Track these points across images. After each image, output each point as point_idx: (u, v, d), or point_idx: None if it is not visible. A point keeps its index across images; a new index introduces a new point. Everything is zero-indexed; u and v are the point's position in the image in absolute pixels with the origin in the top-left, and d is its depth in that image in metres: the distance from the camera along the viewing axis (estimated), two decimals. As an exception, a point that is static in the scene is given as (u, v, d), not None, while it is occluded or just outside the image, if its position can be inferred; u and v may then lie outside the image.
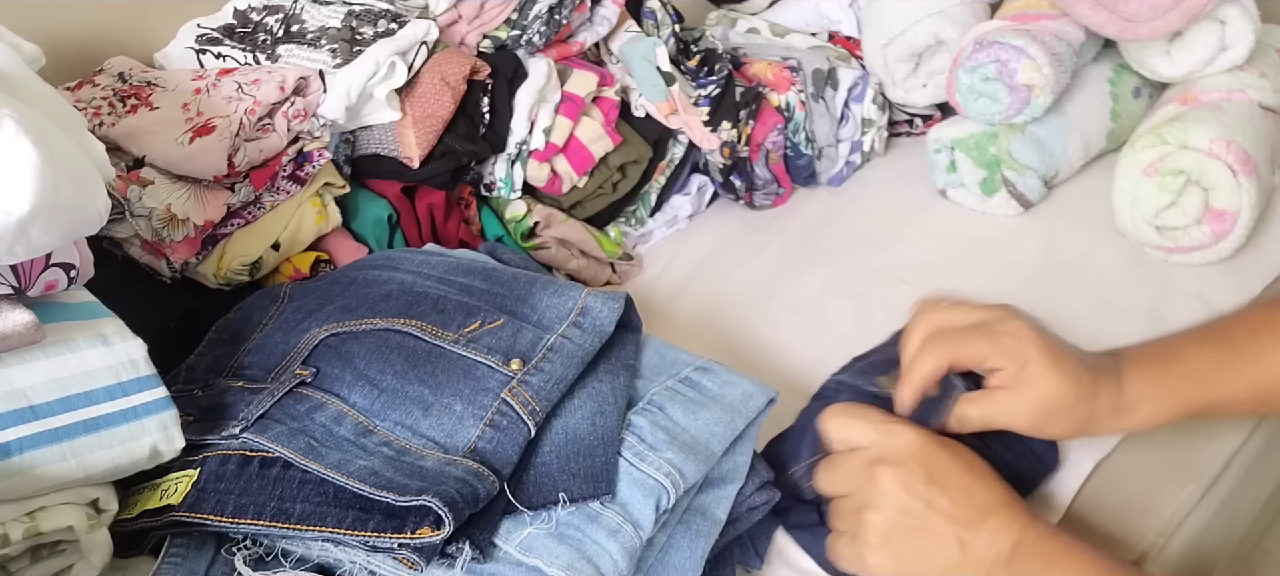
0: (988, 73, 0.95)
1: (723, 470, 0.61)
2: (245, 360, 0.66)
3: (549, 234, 0.92)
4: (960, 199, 1.03)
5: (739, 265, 0.98)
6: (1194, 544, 0.73)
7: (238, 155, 0.75)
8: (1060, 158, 1.00)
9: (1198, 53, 0.95)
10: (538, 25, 0.92)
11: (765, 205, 1.06)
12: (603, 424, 0.58)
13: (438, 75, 0.85)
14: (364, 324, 0.64)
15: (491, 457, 0.55)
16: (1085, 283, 0.90)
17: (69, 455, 0.50)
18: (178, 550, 0.55)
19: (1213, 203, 0.87)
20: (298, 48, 0.85)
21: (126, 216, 0.74)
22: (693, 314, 0.92)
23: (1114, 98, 1.02)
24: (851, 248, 0.99)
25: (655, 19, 1.04)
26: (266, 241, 0.79)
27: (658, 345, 0.67)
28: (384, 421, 0.58)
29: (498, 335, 0.62)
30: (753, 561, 0.65)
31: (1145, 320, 0.85)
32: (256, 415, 0.59)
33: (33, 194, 0.45)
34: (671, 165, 1.01)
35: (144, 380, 0.54)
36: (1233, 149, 0.85)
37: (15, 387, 0.49)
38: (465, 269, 0.70)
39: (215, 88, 0.80)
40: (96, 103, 0.81)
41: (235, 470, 0.56)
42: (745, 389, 0.64)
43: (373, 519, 0.52)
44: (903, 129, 1.16)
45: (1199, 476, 0.73)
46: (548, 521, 0.54)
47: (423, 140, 0.84)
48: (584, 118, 0.93)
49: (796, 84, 1.04)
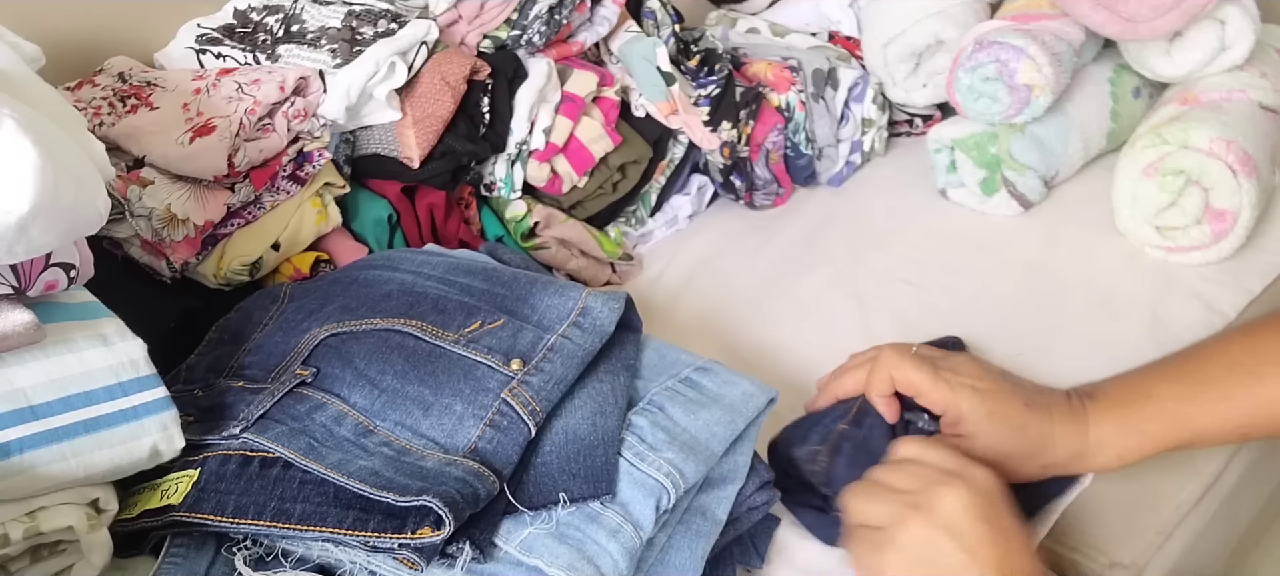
0: (988, 73, 0.95)
1: (723, 470, 0.61)
2: (245, 360, 0.66)
3: (549, 234, 0.92)
4: (960, 199, 1.03)
5: (739, 265, 0.98)
6: (1194, 543, 0.73)
7: (238, 155, 0.75)
8: (1060, 158, 1.00)
9: (1198, 53, 0.95)
10: (538, 25, 0.92)
11: (765, 205, 1.06)
12: (603, 424, 0.58)
13: (438, 75, 0.85)
14: (364, 324, 0.64)
15: (492, 458, 0.55)
16: (1085, 282, 0.90)
17: (69, 455, 0.50)
18: (178, 550, 0.55)
19: (1213, 202, 0.87)
20: (298, 48, 0.85)
21: (126, 216, 0.74)
22: (693, 314, 0.92)
23: (1114, 98, 1.02)
24: (851, 248, 0.99)
25: (655, 19, 1.04)
26: (266, 241, 0.79)
27: (658, 345, 0.67)
28: (384, 421, 0.58)
29: (498, 335, 0.62)
30: (753, 561, 0.65)
31: (1145, 320, 0.85)
32: (257, 415, 0.59)
33: (33, 194, 0.45)
34: (671, 165, 1.01)
35: (144, 380, 0.54)
36: (1233, 149, 0.86)
37: (15, 387, 0.49)
38: (465, 269, 0.70)
39: (215, 88, 0.80)
40: (96, 103, 0.81)
41: (235, 470, 0.56)
42: (745, 389, 0.64)
43: (373, 519, 0.52)
44: (903, 129, 1.16)
45: (1199, 476, 0.73)
46: (548, 521, 0.54)
47: (423, 140, 0.84)
48: (584, 118, 0.93)
49: (796, 84, 1.04)
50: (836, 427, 0.67)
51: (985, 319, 0.84)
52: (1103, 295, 0.88)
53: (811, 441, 0.67)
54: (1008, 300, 0.84)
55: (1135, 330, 0.85)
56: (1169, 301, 0.87)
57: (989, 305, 0.86)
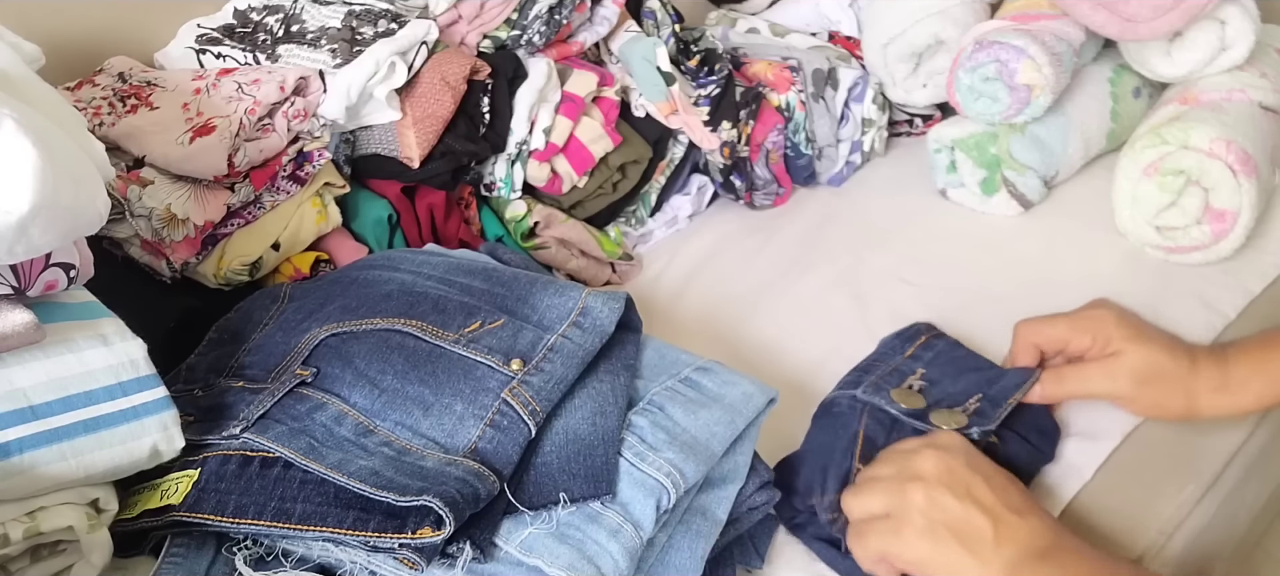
0: (988, 73, 0.95)
1: (723, 470, 0.61)
2: (245, 360, 0.66)
3: (549, 234, 0.92)
4: (960, 199, 1.03)
5: (739, 265, 0.98)
6: (1194, 544, 0.73)
7: (238, 155, 0.75)
8: (1060, 158, 1.00)
9: (1198, 53, 0.95)
10: (538, 25, 0.92)
11: (765, 205, 1.06)
12: (603, 424, 0.58)
13: (438, 75, 0.85)
14: (364, 324, 0.64)
15: (492, 457, 0.55)
16: (1085, 282, 0.90)
17: (69, 455, 0.50)
18: (178, 550, 0.55)
19: (1213, 203, 0.87)
20: (298, 48, 0.85)
21: (126, 216, 0.74)
22: (693, 314, 0.92)
23: (1114, 98, 1.02)
24: (851, 248, 0.99)
25: (655, 19, 1.04)
26: (266, 241, 0.79)
27: (658, 345, 0.67)
28: (384, 421, 0.58)
29: (498, 335, 0.62)
30: (753, 561, 0.65)
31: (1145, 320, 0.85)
32: (257, 415, 0.59)
33: (33, 194, 0.45)
34: (671, 165, 1.01)
35: (144, 380, 0.54)
36: (1233, 149, 0.85)
37: (15, 387, 0.49)
38: (465, 269, 0.70)
39: (215, 88, 0.80)
40: (96, 103, 0.81)
41: (236, 470, 0.56)
42: (745, 389, 0.64)
43: (373, 519, 0.52)
44: (903, 129, 1.16)
45: (1199, 476, 0.73)
46: (548, 521, 0.54)
47: (423, 140, 0.84)
48: (584, 118, 0.93)
49: (796, 84, 1.04)
50: (852, 466, 0.67)
51: (985, 319, 0.84)
52: (1103, 295, 0.88)
53: (830, 487, 0.66)
54: (1008, 300, 0.84)
55: (1135, 330, 0.85)
56: (1169, 301, 0.87)
57: (989, 305, 0.86)
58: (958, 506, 0.58)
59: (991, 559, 0.57)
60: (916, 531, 0.59)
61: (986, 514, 0.58)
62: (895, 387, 0.73)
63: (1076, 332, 0.71)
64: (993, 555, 0.57)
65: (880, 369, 0.75)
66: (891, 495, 0.61)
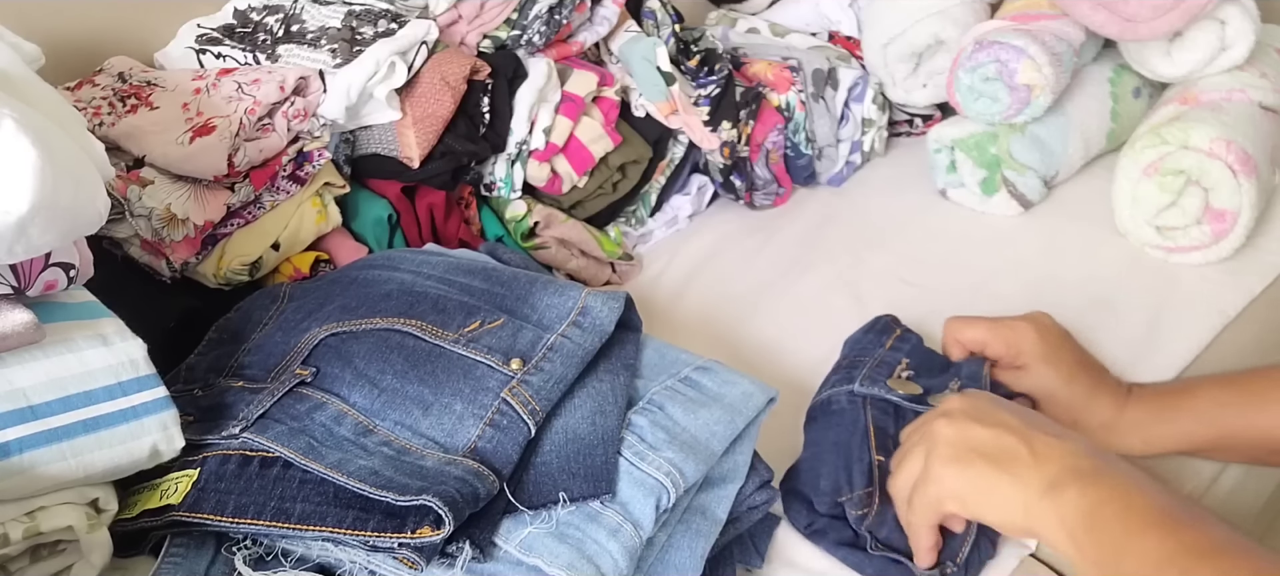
0: (988, 73, 0.95)
1: (723, 469, 0.61)
2: (245, 360, 0.66)
3: (549, 234, 0.92)
4: (960, 199, 1.03)
5: (739, 265, 0.98)
6: (1194, 543, 0.73)
7: (238, 155, 0.75)
8: (1060, 158, 1.00)
9: (1198, 53, 0.95)
10: (538, 25, 0.92)
11: (765, 205, 1.06)
12: (603, 423, 0.58)
13: (438, 75, 0.85)
14: (364, 324, 0.64)
15: (492, 457, 0.55)
16: (1085, 282, 0.90)
17: (69, 455, 0.50)
18: (178, 550, 0.55)
19: (1213, 202, 0.88)
20: (298, 48, 0.85)
21: (126, 216, 0.74)
22: (693, 313, 0.92)
23: (1114, 98, 1.02)
24: (851, 248, 0.99)
25: (655, 19, 1.04)
26: (266, 241, 0.79)
27: (658, 344, 0.67)
28: (384, 421, 0.58)
29: (498, 335, 0.62)
30: (753, 560, 0.65)
31: (1145, 320, 0.85)
32: (256, 415, 0.59)
33: (32, 194, 0.45)
34: (671, 165, 1.01)
35: (144, 380, 0.54)
36: (1233, 149, 0.86)
37: (15, 387, 0.49)
38: (465, 269, 0.70)
39: (215, 88, 0.80)
40: (96, 103, 0.81)
41: (235, 470, 0.56)
42: (745, 388, 0.64)
43: (373, 518, 0.52)
44: (903, 129, 1.16)
45: (1199, 476, 0.73)
46: (548, 521, 0.54)
47: (423, 140, 0.84)
48: (584, 118, 0.93)
49: (796, 84, 1.04)
50: (872, 459, 0.67)
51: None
52: (1103, 295, 0.88)
53: (857, 483, 0.66)
54: (1008, 300, 0.84)
55: (1135, 330, 0.85)
56: (1169, 301, 0.87)
57: (989, 305, 0.86)
58: (985, 431, 0.57)
59: (1030, 478, 0.54)
60: (944, 461, 0.57)
61: (1017, 435, 0.56)
62: (888, 378, 0.73)
63: (994, 338, 0.72)
64: (1031, 474, 0.54)
65: (867, 362, 0.75)
66: (922, 445, 0.59)
